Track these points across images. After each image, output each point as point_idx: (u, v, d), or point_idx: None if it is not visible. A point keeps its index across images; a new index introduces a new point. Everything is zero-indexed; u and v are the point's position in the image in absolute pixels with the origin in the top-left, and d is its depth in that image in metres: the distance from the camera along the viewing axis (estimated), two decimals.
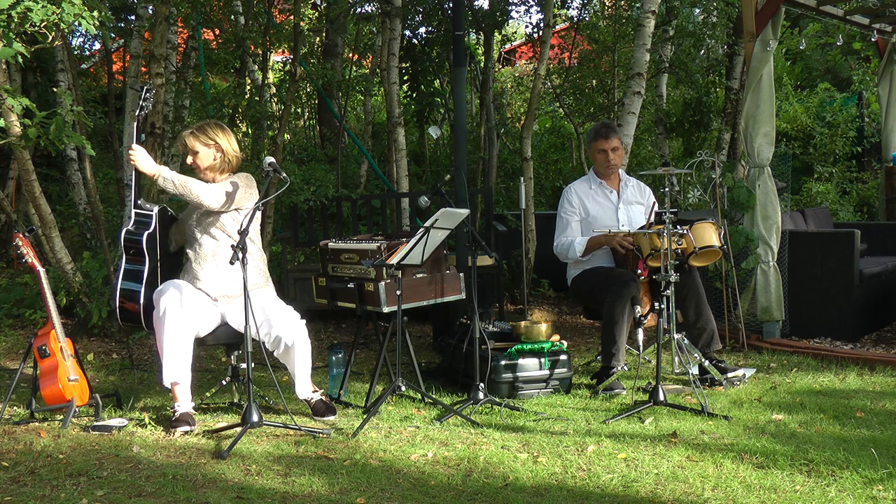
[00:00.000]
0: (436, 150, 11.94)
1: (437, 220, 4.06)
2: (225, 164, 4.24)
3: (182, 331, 3.99)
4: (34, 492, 3.13)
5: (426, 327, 6.53)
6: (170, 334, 3.96)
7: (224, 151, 4.22)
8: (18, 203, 7.97)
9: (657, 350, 4.27)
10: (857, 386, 4.72)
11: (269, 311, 4.11)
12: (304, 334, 4.11)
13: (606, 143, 5.02)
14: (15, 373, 4.20)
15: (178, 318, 3.97)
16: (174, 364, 4.00)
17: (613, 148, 5.03)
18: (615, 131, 5.11)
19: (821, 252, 5.79)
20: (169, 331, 3.96)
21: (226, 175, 4.26)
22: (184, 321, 3.99)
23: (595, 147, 5.08)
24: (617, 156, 5.06)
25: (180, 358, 4.00)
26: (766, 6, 5.69)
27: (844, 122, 11.26)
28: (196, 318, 4.05)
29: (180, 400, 4.03)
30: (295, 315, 4.15)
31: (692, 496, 3.09)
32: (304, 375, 4.17)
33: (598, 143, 5.06)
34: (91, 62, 11.45)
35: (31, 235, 4.27)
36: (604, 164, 5.06)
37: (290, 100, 7.77)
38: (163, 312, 3.97)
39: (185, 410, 4.01)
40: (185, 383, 4.04)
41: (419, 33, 10.44)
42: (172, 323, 3.96)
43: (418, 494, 3.13)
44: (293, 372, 4.17)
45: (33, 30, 4.25)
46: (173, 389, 4.04)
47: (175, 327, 3.97)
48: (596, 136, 5.09)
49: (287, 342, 4.06)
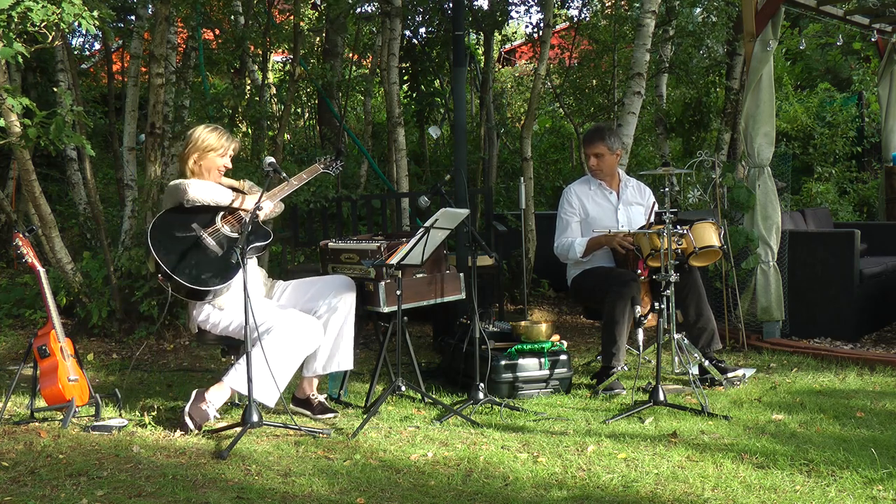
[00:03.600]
0: (436, 150, 11.94)
1: (437, 220, 4.06)
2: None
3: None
4: (34, 492, 3.13)
5: (426, 327, 6.53)
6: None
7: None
8: (18, 203, 7.98)
9: (657, 350, 4.27)
10: (857, 386, 4.73)
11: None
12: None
13: (590, 148, 5.09)
14: (15, 373, 4.20)
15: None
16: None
17: (597, 154, 5.05)
18: (602, 137, 5.05)
19: (821, 252, 5.79)
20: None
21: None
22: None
23: (584, 152, 5.21)
24: (601, 162, 5.05)
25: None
26: (766, 6, 5.69)
27: (844, 122, 11.25)
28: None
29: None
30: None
31: (692, 496, 3.09)
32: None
33: (585, 147, 5.19)
34: (91, 62, 11.45)
35: (31, 235, 4.26)
36: (592, 168, 5.12)
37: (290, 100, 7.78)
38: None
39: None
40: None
41: (419, 33, 10.44)
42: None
43: (418, 494, 3.13)
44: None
45: (33, 30, 4.26)
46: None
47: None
48: (583, 141, 5.27)
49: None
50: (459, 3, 5.73)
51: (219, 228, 4.13)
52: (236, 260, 3.87)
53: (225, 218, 4.16)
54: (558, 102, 11.14)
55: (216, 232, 4.11)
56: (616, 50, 10.18)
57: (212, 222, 4.12)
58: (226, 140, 4.23)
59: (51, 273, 5.62)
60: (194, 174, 4.22)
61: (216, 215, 4.14)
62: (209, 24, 8.68)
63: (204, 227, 4.10)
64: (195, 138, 4.20)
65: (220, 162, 4.22)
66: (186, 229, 4.09)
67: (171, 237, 4.07)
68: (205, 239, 4.07)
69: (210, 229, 4.10)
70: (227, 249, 4.08)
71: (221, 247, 4.08)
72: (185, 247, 4.05)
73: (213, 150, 4.19)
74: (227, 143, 4.22)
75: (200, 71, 8.69)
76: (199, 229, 4.08)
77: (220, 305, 4.12)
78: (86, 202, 7.45)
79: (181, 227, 4.09)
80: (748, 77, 5.78)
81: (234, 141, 4.29)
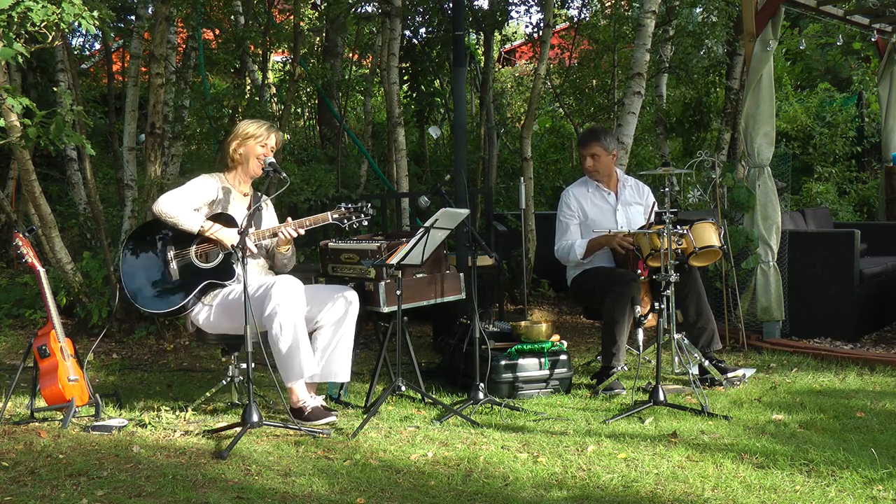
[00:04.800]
0: (436, 150, 11.94)
1: (437, 220, 4.06)
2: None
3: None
4: (34, 492, 3.13)
5: (426, 327, 6.53)
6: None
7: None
8: (18, 203, 7.98)
9: (657, 350, 4.27)
10: (857, 386, 4.73)
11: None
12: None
13: (585, 149, 5.10)
14: (15, 373, 4.20)
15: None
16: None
17: (593, 154, 5.05)
18: (598, 138, 5.06)
19: (821, 252, 5.79)
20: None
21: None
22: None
23: (580, 153, 5.19)
24: (598, 162, 5.05)
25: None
26: (766, 6, 5.69)
27: (844, 122, 11.26)
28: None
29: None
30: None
31: (692, 496, 3.09)
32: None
33: (580, 148, 5.19)
34: (91, 62, 11.44)
35: (31, 235, 4.26)
36: (589, 169, 5.11)
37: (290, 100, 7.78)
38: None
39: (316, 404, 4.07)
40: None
41: (419, 33, 10.44)
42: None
43: (418, 494, 3.13)
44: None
45: (33, 30, 4.25)
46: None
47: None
48: (579, 142, 5.28)
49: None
50: (459, 3, 5.73)
51: (187, 254, 4.16)
52: (182, 295, 4.04)
53: (200, 245, 4.18)
54: (558, 102, 11.15)
55: (182, 257, 4.16)
56: (616, 50, 10.19)
57: (186, 245, 4.17)
58: (265, 129, 4.31)
59: (51, 273, 5.62)
60: (235, 162, 4.30)
61: (194, 239, 4.17)
62: (209, 24, 8.68)
63: (177, 247, 4.15)
64: (239, 126, 4.35)
65: (260, 151, 4.28)
66: (161, 243, 4.18)
67: (146, 243, 4.19)
68: (170, 261, 4.14)
69: (181, 252, 4.16)
70: (180, 279, 4.11)
71: (177, 275, 4.13)
72: (150, 261, 4.16)
73: (253, 137, 4.28)
74: (266, 132, 4.30)
75: (200, 71, 8.69)
76: (170, 249, 4.15)
77: (209, 302, 4.14)
78: (86, 202, 7.45)
79: (157, 240, 4.19)
80: (748, 77, 5.78)
81: (276, 132, 4.36)
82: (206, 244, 4.17)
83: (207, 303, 4.15)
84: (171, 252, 4.15)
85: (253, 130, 4.29)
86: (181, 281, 4.12)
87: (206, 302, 4.16)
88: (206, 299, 4.16)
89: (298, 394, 4.05)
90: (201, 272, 4.13)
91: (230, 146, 4.31)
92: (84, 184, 7.31)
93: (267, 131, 4.31)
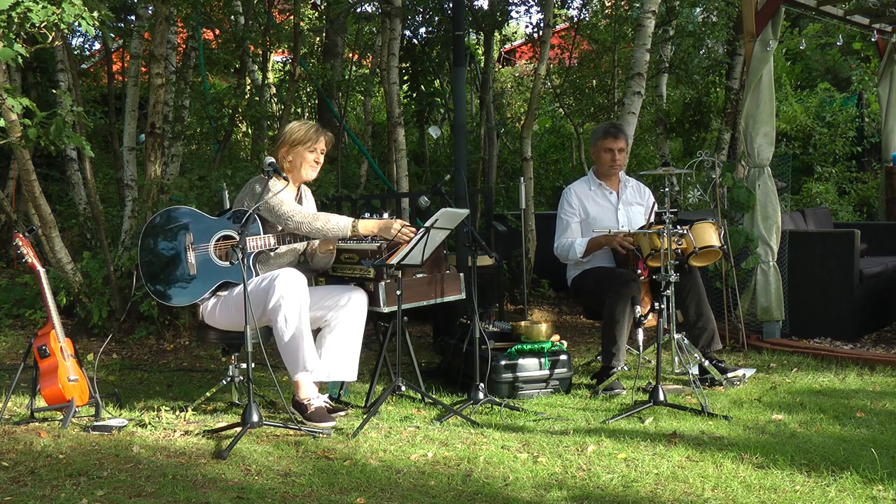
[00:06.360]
0: (436, 150, 11.94)
1: (437, 220, 4.06)
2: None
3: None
4: (34, 492, 3.13)
5: (426, 327, 6.53)
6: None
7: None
8: (18, 203, 7.98)
9: (657, 350, 4.27)
10: (857, 386, 4.73)
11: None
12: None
13: (615, 142, 5.00)
14: (15, 373, 4.20)
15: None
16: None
17: (620, 149, 5.02)
18: (624, 132, 5.11)
19: (821, 252, 5.79)
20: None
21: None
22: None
23: (602, 146, 5.03)
24: (623, 157, 5.08)
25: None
26: (766, 6, 5.69)
27: (844, 122, 11.26)
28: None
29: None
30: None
31: (692, 496, 3.09)
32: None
33: (606, 141, 5.02)
34: (91, 62, 11.44)
35: (31, 235, 4.26)
36: (608, 163, 5.03)
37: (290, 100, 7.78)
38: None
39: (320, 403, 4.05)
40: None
41: (419, 33, 10.44)
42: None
43: (418, 494, 3.13)
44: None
45: (33, 30, 4.26)
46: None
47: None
48: (605, 135, 5.05)
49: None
50: (459, 3, 5.74)
51: (205, 249, 4.13)
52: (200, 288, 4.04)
53: (218, 241, 4.16)
54: (558, 102, 11.14)
55: (201, 250, 4.13)
56: (616, 50, 10.19)
57: (207, 239, 4.14)
58: (314, 132, 4.20)
59: (51, 273, 5.62)
60: (285, 169, 4.21)
61: (215, 233, 4.14)
62: (209, 24, 8.68)
63: (195, 240, 4.12)
64: (285, 132, 4.23)
65: (311, 157, 4.21)
66: (177, 234, 4.14)
67: (164, 232, 4.15)
68: (188, 253, 4.11)
69: (200, 246, 4.13)
70: (198, 274, 4.10)
71: (195, 269, 4.12)
72: (168, 254, 4.14)
73: (301, 143, 4.18)
74: (315, 136, 4.19)
75: (200, 71, 8.69)
76: (188, 242, 4.12)
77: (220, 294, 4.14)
78: (86, 202, 7.45)
79: (174, 232, 4.15)
80: (748, 77, 5.78)
81: (325, 134, 4.25)
82: (223, 241, 4.15)
83: (219, 294, 4.16)
84: (188, 245, 4.13)
85: (301, 135, 4.17)
86: (199, 275, 4.11)
87: (218, 294, 4.16)
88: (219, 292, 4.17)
89: (304, 389, 4.02)
90: (219, 270, 4.12)
91: (278, 152, 4.20)
92: (84, 184, 7.31)
93: (315, 134, 4.20)
